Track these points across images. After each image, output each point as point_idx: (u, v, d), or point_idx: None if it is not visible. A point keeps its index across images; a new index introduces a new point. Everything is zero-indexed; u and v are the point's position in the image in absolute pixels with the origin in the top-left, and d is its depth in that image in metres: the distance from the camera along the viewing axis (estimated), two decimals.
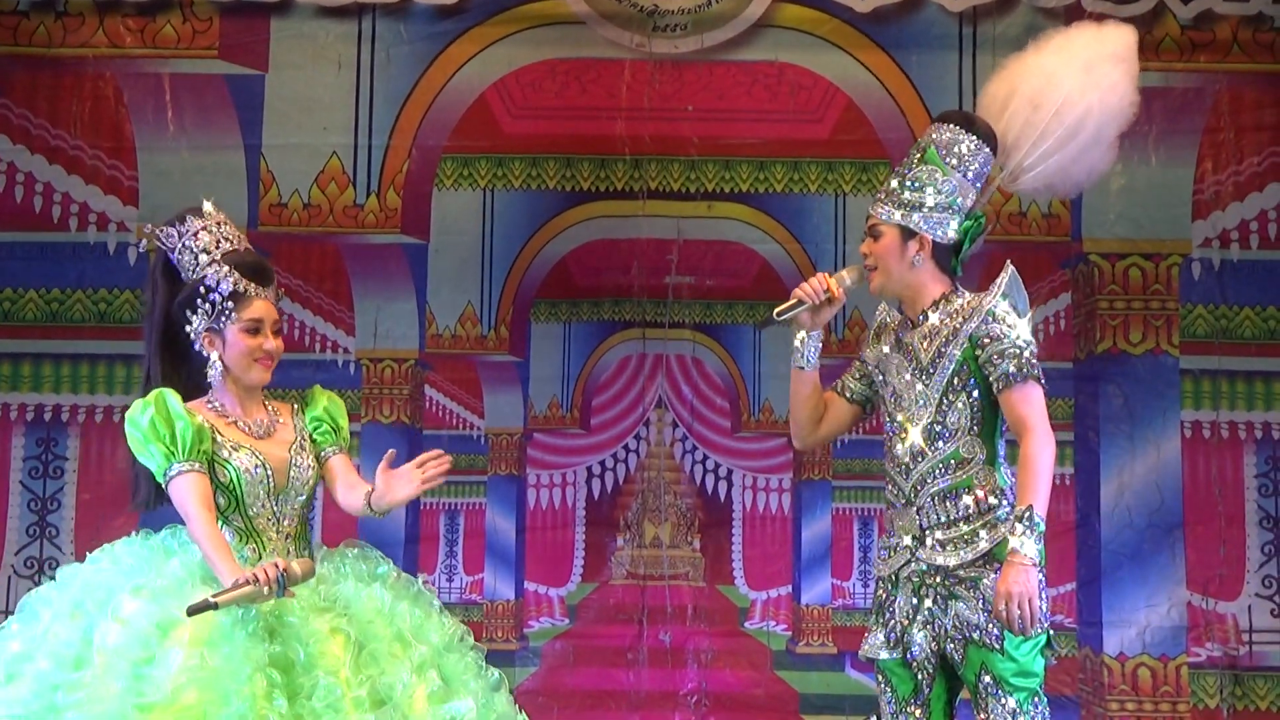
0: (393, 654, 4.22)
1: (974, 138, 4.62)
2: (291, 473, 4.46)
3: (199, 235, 4.47)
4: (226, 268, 4.44)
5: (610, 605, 7.52)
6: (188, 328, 4.46)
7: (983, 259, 7.35)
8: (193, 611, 3.99)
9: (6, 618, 4.43)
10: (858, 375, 4.80)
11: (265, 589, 4.04)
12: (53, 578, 4.47)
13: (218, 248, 4.47)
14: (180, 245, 4.49)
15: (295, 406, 4.63)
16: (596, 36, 7.65)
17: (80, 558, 4.52)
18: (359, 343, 7.54)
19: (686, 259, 7.62)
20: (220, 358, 4.45)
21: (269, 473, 4.41)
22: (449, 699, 4.23)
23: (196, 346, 4.46)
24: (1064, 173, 4.75)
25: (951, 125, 4.65)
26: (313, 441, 4.57)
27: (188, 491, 4.27)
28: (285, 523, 4.44)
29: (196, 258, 4.47)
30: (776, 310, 4.67)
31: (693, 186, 7.65)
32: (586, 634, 7.49)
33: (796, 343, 4.72)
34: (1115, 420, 7.42)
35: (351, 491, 4.51)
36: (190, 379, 4.50)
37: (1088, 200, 7.37)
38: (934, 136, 4.65)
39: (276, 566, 4.07)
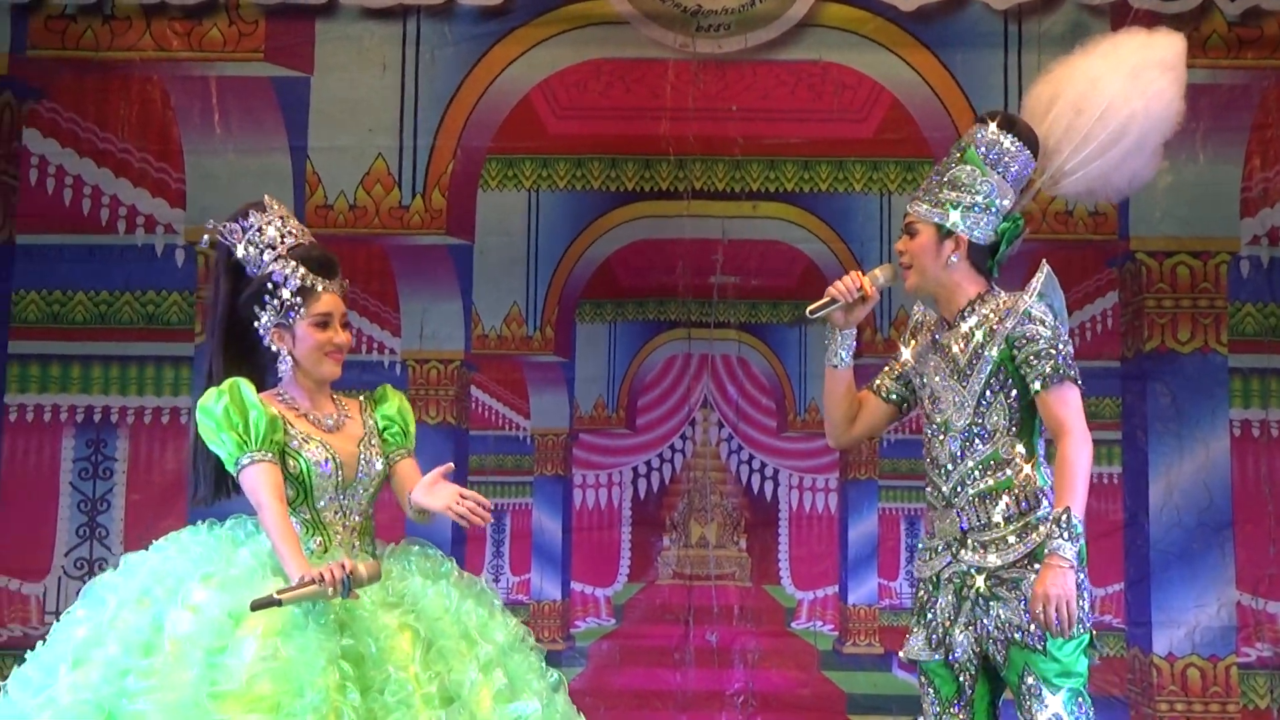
0: (459, 652, 4.21)
1: (1015, 139, 4.59)
2: (360, 467, 4.46)
3: (264, 230, 4.48)
4: (294, 263, 4.45)
5: (657, 605, 7.52)
6: (256, 324, 4.46)
7: (1026, 257, 7.34)
8: (256, 607, 3.99)
9: (57, 618, 4.45)
10: (895, 375, 4.78)
11: (330, 590, 4.03)
12: (114, 566, 4.48)
13: (283, 242, 4.48)
14: (245, 240, 4.49)
15: (363, 403, 4.63)
16: (640, 37, 7.65)
17: None
18: (405, 344, 7.57)
19: (731, 259, 7.62)
20: (290, 352, 4.46)
21: (338, 465, 4.42)
22: (514, 699, 4.22)
23: (266, 342, 4.46)
24: (1105, 179, 4.72)
25: (993, 126, 4.63)
26: (383, 440, 4.57)
27: (260, 481, 4.26)
28: (352, 517, 4.45)
29: (262, 253, 4.47)
30: (810, 308, 4.65)
31: (737, 186, 7.65)
32: (633, 634, 7.50)
33: (829, 340, 4.71)
34: (1163, 419, 7.38)
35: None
36: (254, 374, 4.49)
37: (1135, 198, 7.32)
38: (975, 136, 4.63)
39: (343, 567, 4.06)
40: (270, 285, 4.42)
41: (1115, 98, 4.62)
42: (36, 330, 7.58)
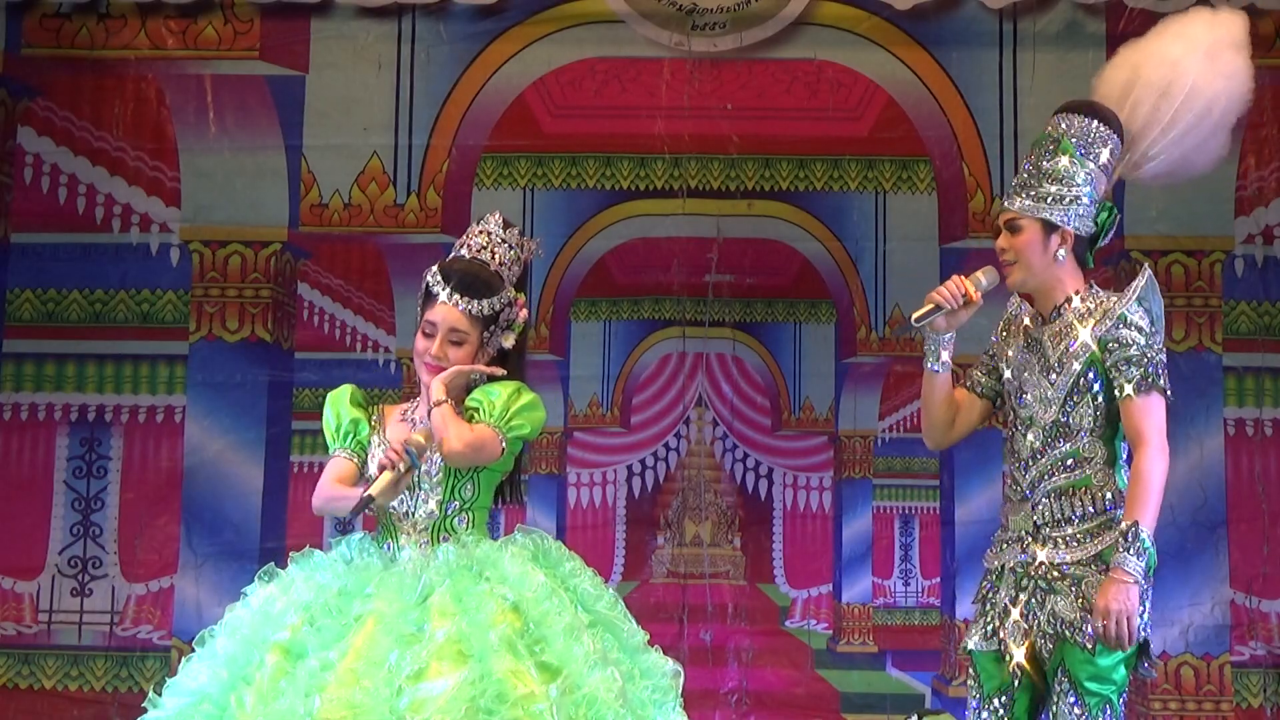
0: (416, 636, 4.17)
1: (1104, 126, 4.53)
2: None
3: (461, 243, 4.67)
4: (435, 270, 4.55)
5: (651, 604, 7.51)
6: None
7: None
8: (355, 512, 4.26)
9: (50, 616, 4.48)
10: (986, 369, 4.73)
11: (401, 466, 4.22)
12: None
13: (454, 254, 4.62)
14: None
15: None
16: (635, 35, 7.65)
17: (124, 557, 4.58)
18: (399, 342, 7.56)
19: (726, 257, 7.62)
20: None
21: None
22: (438, 678, 4.12)
23: None
24: (1186, 160, 4.66)
25: (1081, 115, 4.55)
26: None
27: (328, 468, 4.51)
28: (417, 517, 4.44)
29: None
30: (914, 316, 4.54)
31: (732, 185, 7.65)
32: None
33: (928, 345, 4.62)
34: None
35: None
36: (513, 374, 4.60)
37: (1129, 197, 7.32)
38: (1065, 127, 4.56)
39: (397, 446, 4.24)
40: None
41: (1197, 79, 4.57)
42: (31, 329, 7.59)
